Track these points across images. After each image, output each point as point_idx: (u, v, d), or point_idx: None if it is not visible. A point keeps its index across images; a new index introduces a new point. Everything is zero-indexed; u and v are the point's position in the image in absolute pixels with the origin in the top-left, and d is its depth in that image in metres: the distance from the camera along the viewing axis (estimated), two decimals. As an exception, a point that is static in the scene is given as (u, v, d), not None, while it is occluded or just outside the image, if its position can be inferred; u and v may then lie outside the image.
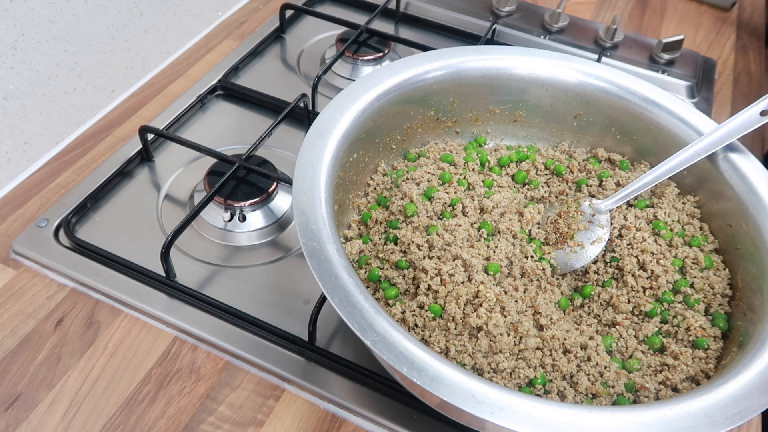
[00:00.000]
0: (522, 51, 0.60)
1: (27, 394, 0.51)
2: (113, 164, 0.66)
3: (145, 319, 0.56)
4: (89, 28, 0.69)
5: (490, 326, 0.46)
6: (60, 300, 0.57)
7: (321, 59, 0.84)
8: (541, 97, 0.61)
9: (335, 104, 0.53)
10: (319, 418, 0.51)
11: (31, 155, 0.67)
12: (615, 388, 0.47)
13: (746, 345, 0.45)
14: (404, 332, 0.40)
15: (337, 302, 0.41)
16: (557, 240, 0.54)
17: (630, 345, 0.49)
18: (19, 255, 0.59)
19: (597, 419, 0.37)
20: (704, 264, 0.52)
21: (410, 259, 0.51)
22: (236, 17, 0.89)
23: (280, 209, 0.64)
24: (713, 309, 0.51)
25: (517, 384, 0.46)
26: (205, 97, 0.75)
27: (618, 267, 0.53)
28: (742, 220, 0.52)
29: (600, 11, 0.97)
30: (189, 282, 0.58)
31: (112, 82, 0.74)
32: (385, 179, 0.59)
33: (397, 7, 0.90)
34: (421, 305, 0.48)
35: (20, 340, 0.54)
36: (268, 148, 0.71)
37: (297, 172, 0.48)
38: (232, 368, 0.54)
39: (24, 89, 0.64)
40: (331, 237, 0.44)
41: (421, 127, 0.61)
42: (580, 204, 0.55)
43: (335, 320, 0.56)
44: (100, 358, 0.53)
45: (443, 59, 0.59)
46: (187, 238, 0.62)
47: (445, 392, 0.37)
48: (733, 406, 0.39)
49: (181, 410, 0.51)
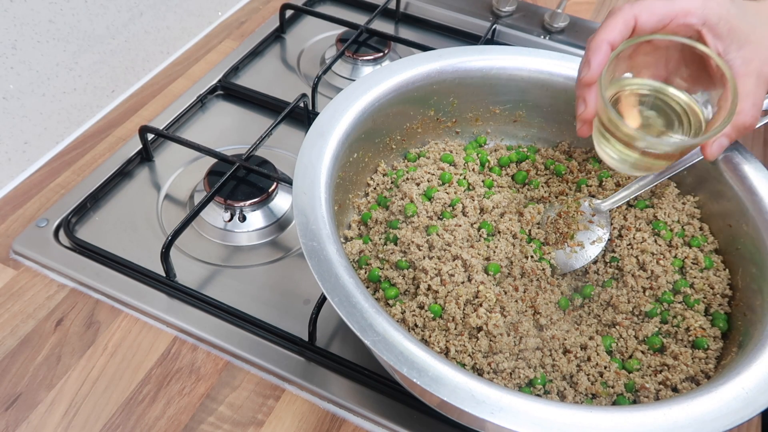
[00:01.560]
0: (522, 51, 0.60)
1: (27, 394, 0.51)
2: (113, 164, 0.66)
3: (145, 319, 0.56)
4: (89, 28, 0.69)
5: (490, 326, 0.46)
6: (60, 300, 0.57)
7: (321, 59, 0.84)
8: (541, 97, 0.61)
9: (335, 104, 0.53)
10: (319, 418, 0.52)
11: (31, 155, 0.67)
12: (615, 388, 0.47)
13: (746, 345, 0.45)
14: (404, 332, 0.40)
15: (337, 302, 0.41)
16: (557, 240, 0.54)
17: (630, 345, 0.49)
18: (19, 255, 0.59)
19: (597, 419, 0.37)
20: (704, 264, 0.52)
21: (410, 259, 0.51)
22: (236, 17, 0.89)
23: (280, 209, 0.64)
24: (713, 309, 0.51)
25: (517, 384, 0.46)
26: (205, 97, 0.75)
27: (618, 267, 0.53)
28: (742, 220, 0.52)
29: (600, 11, 0.97)
30: (189, 282, 0.58)
31: (112, 82, 0.74)
32: (385, 179, 0.59)
33: (397, 7, 0.90)
34: (421, 305, 0.48)
35: (20, 340, 0.54)
36: (268, 148, 0.71)
37: (297, 172, 0.48)
38: (232, 368, 0.54)
39: (24, 89, 0.64)
40: (331, 237, 0.44)
41: (421, 127, 0.61)
42: (580, 204, 0.55)
43: (335, 320, 0.56)
44: (100, 358, 0.53)
45: (443, 59, 0.59)
46: (187, 238, 0.62)
47: (445, 392, 0.37)
48: (733, 406, 0.39)
49: (181, 410, 0.51)
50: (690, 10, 0.45)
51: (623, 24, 0.45)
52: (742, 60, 0.45)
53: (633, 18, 0.45)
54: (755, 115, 0.46)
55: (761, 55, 0.45)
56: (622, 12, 0.45)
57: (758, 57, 0.45)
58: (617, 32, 0.44)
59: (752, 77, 0.45)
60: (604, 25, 0.45)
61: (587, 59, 0.45)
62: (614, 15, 0.45)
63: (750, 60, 0.45)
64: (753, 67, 0.45)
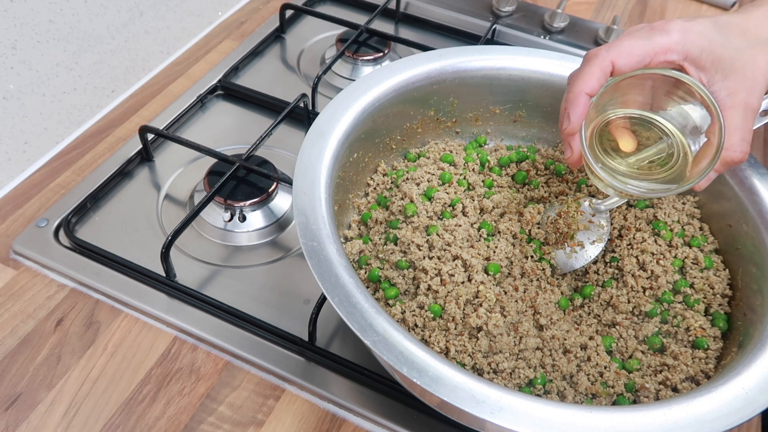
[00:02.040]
0: (522, 51, 0.60)
1: (27, 394, 0.51)
2: (113, 164, 0.66)
3: (145, 319, 0.56)
4: (89, 28, 0.69)
5: (490, 326, 0.46)
6: (60, 300, 0.57)
7: (321, 59, 0.84)
8: (541, 97, 0.61)
9: (335, 104, 0.53)
10: (319, 418, 0.52)
11: (31, 155, 0.67)
12: (615, 388, 0.47)
13: (746, 345, 0.45)
14: (404, 332, 0.40)
15: (337, 302, 0.41)
16: (557, 240, 0.54)
17: (630, 345, 0.49)
18: (19, 255, 0.59)
19: (597, 419, 0.37)
20: (704, 264, 0.52)
21: (410, 259, 0.51)
22: (236, 17, 0.89)
23: (280, 209, 0.64)
24: (713, 309, 0.51)
25: (517, 384, 0.46)
26: (205, 97, 0.75)
27: (618, 267, 0.53)
28: (742, 220, 0.52)
29: (600, 11, 0.97)
30: (189, 282, 0.58)
31: (112, 82, 0.74)
32: (385, 179, 0.59)
33: (397, 7, 0.90)
34: (421, 305, 0.48)
35: (20, 340, 0.54)
36: (268, 148, 0.71)
37: (297, 172, 0.48)
38: (232, 368, 0.54)
39: (24, 89, 0.64)
40: (331, 237, 0.44)
41: (421, 127, 0.61)
42: (580, 204, 0.55)
43: (335, 320, 0.56)
44: (100, 358, 0.53)
45: (443, 59, 0.59)
46: (187, 238, 0.62)
47: (445, 392, 0.37)
48: (733, 406, 0.39)
49: (181, 410, 0.51)
50: (670, 47, 0.43)
51: (600, 71, 0.43)
52: (727, 92, 0.43)
53: (610, 64, 0.43)
54: (744, 150, 0.44)
55: (747, 85, 0.43)
56: (598, 58, 0.43)
57: (744, 87, 0.43)
58: (594, 80, 0.43)
59: (739, 109, 0.43)
60: (581, 74, 0.44)
61: (566, 112, 0.44)
62: (590, 62, 0.44)
63: (736, 91, 0.43)
64: (739, 99, 0.43)
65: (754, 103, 0.44)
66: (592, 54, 0.44)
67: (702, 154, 0.44)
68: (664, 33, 0.43)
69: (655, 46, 0.43)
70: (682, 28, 0.43)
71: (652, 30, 0.44)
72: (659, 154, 0.47)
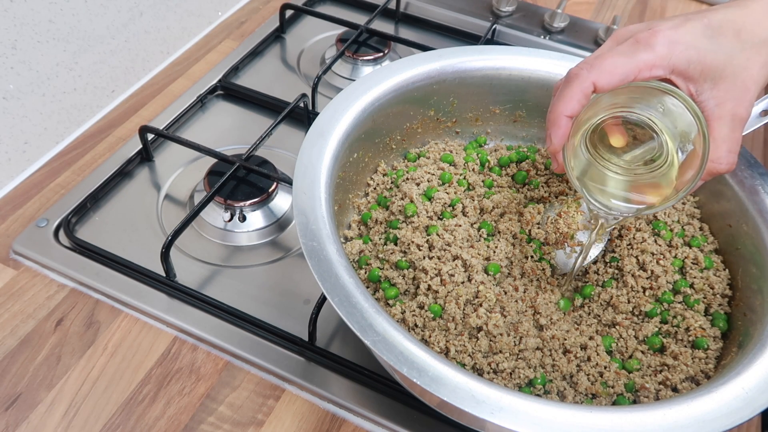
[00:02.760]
0: (522, 51, 0.60)
1: (27, 394, 0.51)
2: (113, 164, 0.66)
3: (145, 319, 0.56)
4: (89, 28, 0.69)
5: (490, 326, 0.46)
6: (60, 300, 0.57)
7: (321, 59, 0.84)
8: (541, 97, 0.61)
9: (335, 104, 0.53)
10: (319, 418, 0.52)
11: (31, 155, 0.67)
12: (615, 388, 0.47)
13: (746, 345, 0.45)
14: (404, 332, 0.40)
15: (337, 302, 0.41)
16: (557, 240, 0.54)
17: (630, 345, 0.49)
18: (19, 255, 0.59)
19: (597, 419, 0.37)
20: (704, 264, 0.52)
21: (410, 259, 0.51)
22: (236, 17, 0.89)
23: (280, 209, 0.64)
24: (713, 309, 0.51)
25: (517, 384, 0.46)
26: (205, 97, 0.75)
27: (618, 267, 0.53)
28: (742, 220, 0.52)
29: (600, 11, 0.97)
30: (189, 282, 0.58)
31: (112, 82, 0.74)
32: (385, 179, 0.59)
33: (397, 7, 0.90)
34: (421, 305, 0.48)
35: (20, 340, 0.54)
36: (268, 148, 0.71)
37: (297, 172, 0.48)
38: (232, 368, 0.54)
39: (24, 89, 0.64)
40: (331, 237, 0.44)
41: (421, 127, 0.61)
42: (580, 204, 0.55)
43: (335, 320, 0.56)
44: (100, 358, 0.53)
45: (443, 59, 0.59)
46: (187, 238, 0.62)
47: (445, 392, 0.37)
48: (733, 406, 0.39)
49: (181, 410, 0.51)
50: (654, 63, 0.42)
51: (581, 93, 0.42)
52: (715, 102, 0.42)
53: (591, 85, 0.42)
54: (731, 162, 0.43)
55: (736, 94, 0.42)
56: (579, 79, 0.42)
57: (732, 96, 0.42)
58: (575, 102, 0.42)
59: (726, 120, 0.42)
60: (561, 96, 0.43)
61: (548, 133, 0.43)
62: (570, 84, 0.42)
63: (723, 101, 0.42)
64: (727, 109, 0.42)
65: (742, 113, 0.42)
66: (572, 74, 0.43)
67: (688, 163, 0.43)
68: (648, 48, 0.42)
69: (639, 63, 0.42)
70: (669, 40, 0.42)
71: (636, 44, 0.42)
72: (650, 153, 0.47)
